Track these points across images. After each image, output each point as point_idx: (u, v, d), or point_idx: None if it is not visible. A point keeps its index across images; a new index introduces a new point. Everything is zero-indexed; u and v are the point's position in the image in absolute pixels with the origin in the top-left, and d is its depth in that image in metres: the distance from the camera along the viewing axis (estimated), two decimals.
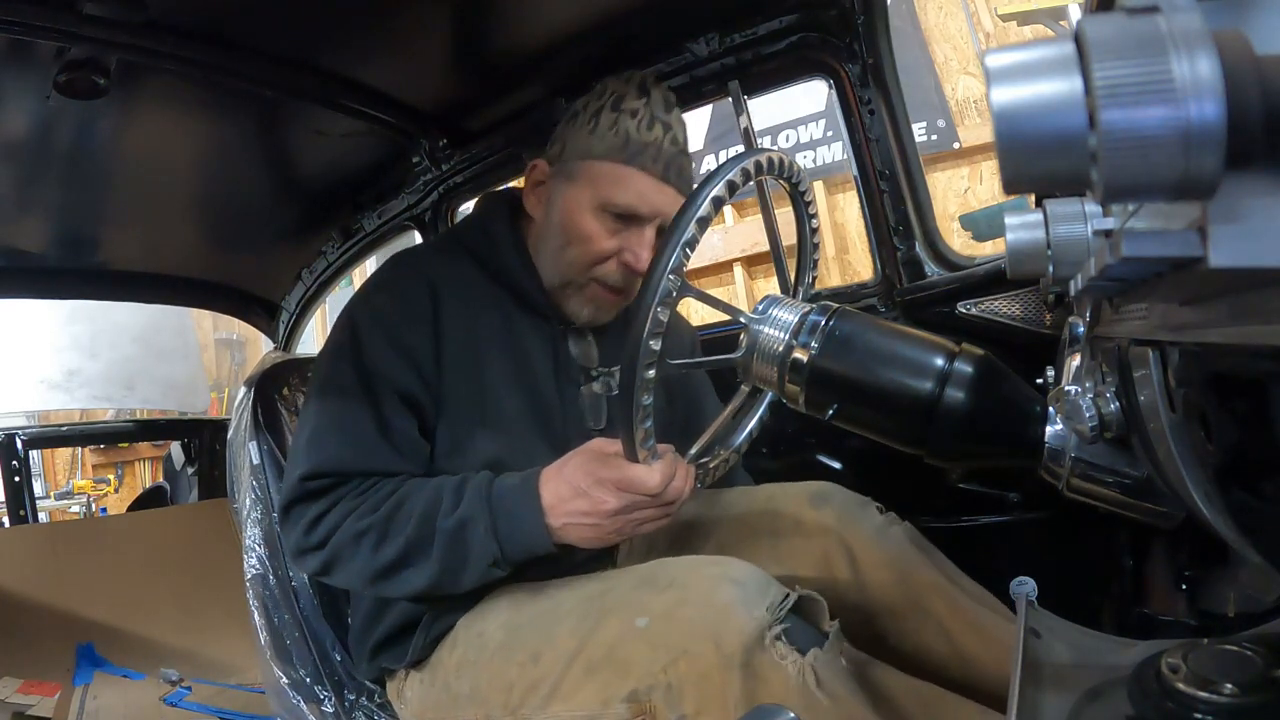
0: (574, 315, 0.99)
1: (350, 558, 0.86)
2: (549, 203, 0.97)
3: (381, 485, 0.88)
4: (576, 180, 0.94)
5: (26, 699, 1.66)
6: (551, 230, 0.96)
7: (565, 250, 0.95)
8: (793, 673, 0.70)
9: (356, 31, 1.12)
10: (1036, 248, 0.48)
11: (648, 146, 0.91)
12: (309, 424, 0.92)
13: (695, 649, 0.73)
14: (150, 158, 1.33)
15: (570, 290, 0.97)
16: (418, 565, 0.84)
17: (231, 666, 1.92)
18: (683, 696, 0.73)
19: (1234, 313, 0.29)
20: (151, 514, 2.42)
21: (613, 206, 0.92)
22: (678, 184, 0.94)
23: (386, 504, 0.86)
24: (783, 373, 0.73)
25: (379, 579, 0.86)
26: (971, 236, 1.84)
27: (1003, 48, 0.25)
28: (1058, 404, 0.58)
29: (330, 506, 0.87)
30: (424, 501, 0.85)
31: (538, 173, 0.99)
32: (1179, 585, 0.83)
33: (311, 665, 1.09)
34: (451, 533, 0.83)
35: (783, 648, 0.71)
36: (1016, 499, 1.15)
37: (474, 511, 0.83)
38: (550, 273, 0.97)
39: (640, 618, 0.77)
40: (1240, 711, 0.36)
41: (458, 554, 0.83)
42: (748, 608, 0.73)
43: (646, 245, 0.93)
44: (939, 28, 3.38)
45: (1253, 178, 0.22)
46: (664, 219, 0.93)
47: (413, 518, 0.84)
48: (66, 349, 3.96)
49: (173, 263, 1.79)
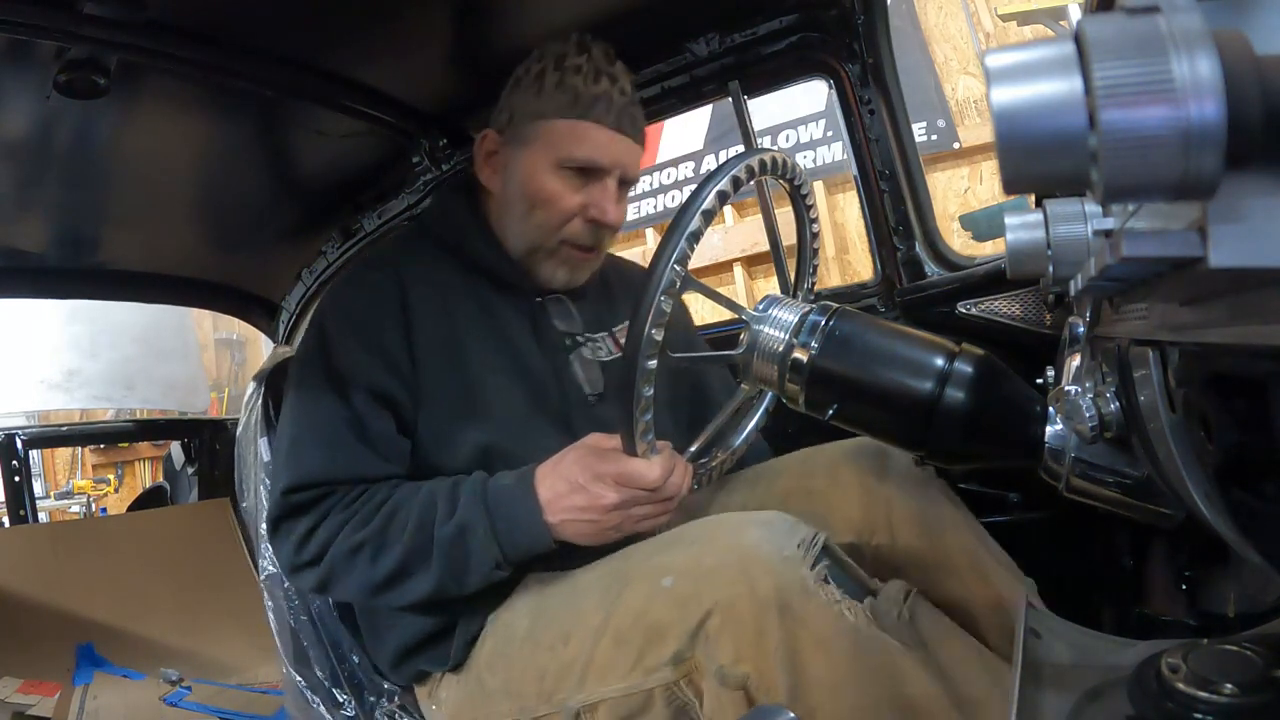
0: (548, 281, 0.97)
1: (347, 573, 0.84)
2: (505, 171, 0.96)
3: (371, 495, 0.86)
4: (531, 143, 0.93)
5: (26, 699, 1.66)
6: (513, 198, 0.95)
7: (530, 215, 0.94)
8: (850, 616, 0.67)
9: (356, 31, 1.12)
10: (1036, 248, 0.48)
11: (598, 99, 0.91)
12: (286, 435, 0.91)
13: (726, 596, 0.69)
14: (150, 158, 1.33)
15: (541, 255, 0.96)
16: (418, 574, 0.83)
17: (231, 666, 1.92)
18: (719, 646, 0.68)
19: (1234, 313, 0.29)
20: (151, 514, 2.42)
21: (572, 161, 0.91)
22: (632, 133, 0.95)
23: (379, 515, 0.84)
24: (783, 372, 0.73)
25: (380, 591, 0.84)
26: (971, 236, 1.84)
27: (1003, 48, 0.25)
28: (1058, 404, 0.58)
29: (319, 521, 0.86)
30: (419, 509, 0.84)
31: (489, 143, 0.98)
32: (1179, 585, 0.82)
33: (330, 667, 1.08)
34: (450, 539, 0.82)
35: (833, 591, 0.68)
36: (1016, 499, 1.15)
37: (471, 515, 0.82)
38: (518, 241, 0.96)
39: (665, 578, 0.74)
40: (1240, 711, 0.36)
41: (458, 560, 0.82)
42: (776, 546, 0.70)
43: (611, 198, 0.93)
44: (939, 28, 3.38)
45: (1253, 178, 0.22)
46: (623, 170, 0.94)
47: (408, 527, 0.83)
48: (66, 349, 3.96)
49: (173, 263, 1.78)
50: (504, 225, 0.98)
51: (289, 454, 0.89)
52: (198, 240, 1.74)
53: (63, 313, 3.97)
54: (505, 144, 0.96)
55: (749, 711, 0.58)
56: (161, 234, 1.66)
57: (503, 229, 0.98)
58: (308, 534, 0.86)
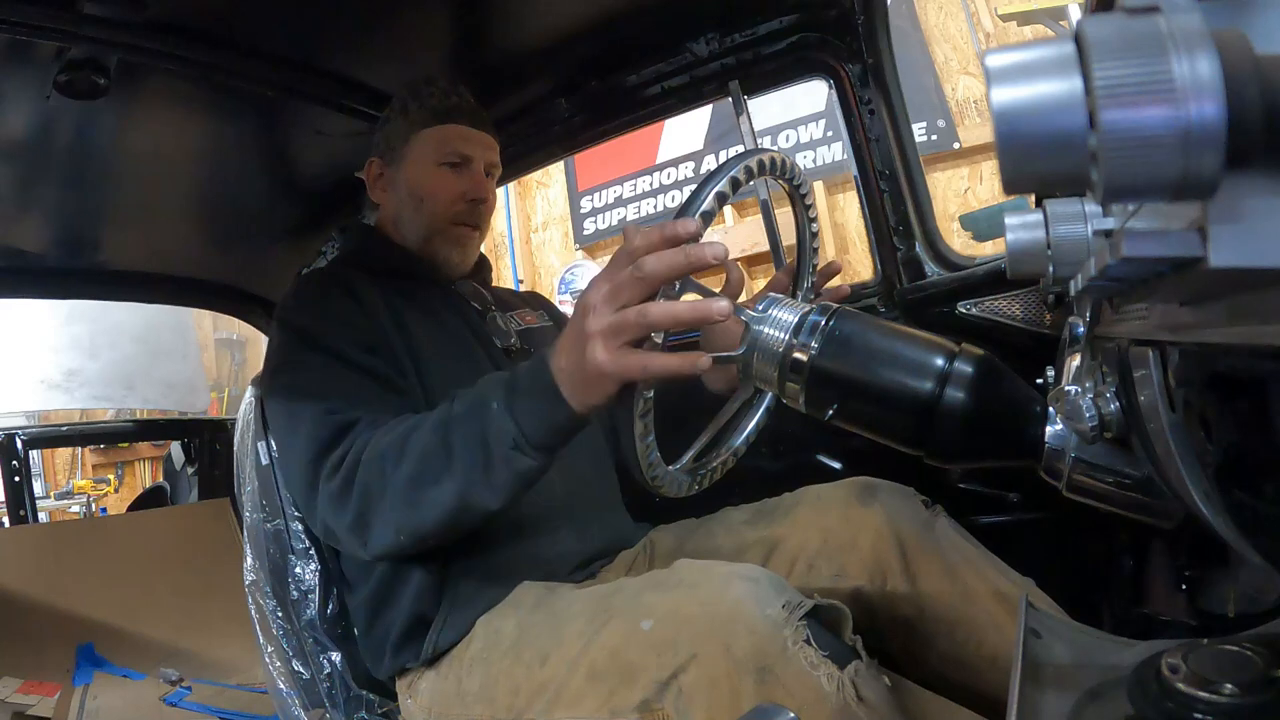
0: (445, 261, 1.12)
1: (379, 490, 0.81)
2: (392, 186, 1.13)
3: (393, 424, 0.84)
4: (409, 155, 1.10)
5: (26, 699, 1.66)
6: (404, 200, 1.11)
7: (422, 207, 1.10)
8: (827, 685, 0.63)
9: (356, 31, 1.12)
10: (1036, 248, 0.48)
11: (453, 107, 1.10)
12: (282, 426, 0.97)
13: (703, 651, 0.67)
14: (150, 158, 1.33)
15: (437, 240, 1.11)
16: (441, 478, 0.78)
17: (231, 666, 1.93)
18: (692, 705, 0.67)
19: (1234, 313, 0.29)
20: (151, 514, 2.42)
21: (447, 157, 1.09)
22: (487, 129, 1.13)
23: (402, 426, 0.82)
24: (783, 372, 0.73)
25: (409, 506, 0.79)
26: (971, 236, 1.84)
27: (1003, 48, 0.25)
28: (1058, 404, 0.58)
29: (346, 450, 0.85)
30: (439, 410, 0.81)
31: (375, 167, 1.15)
32: (1179, 585, 0.82)
33: (312, 669, 1.09)
34: (465, 419, 0.77)
35: (813, 654, 0.64)
36: (1016, 499, 1.15)
37: (487, 390, 0.77)
38: (416, 234, 1.11)
39: (645, 620, 0.72)
40: (1240, 711, 0.36)
41: (475, 444, 0.76)
42: (760, 604, 0.67)
43: (482, 180, 1.12)
44: (939, 28, 3.38)
45: (1253, 178, 0.22)
46: (487, 158, 1.13)
47: (426, 425, 0.80)
48: (66, 349, 3.96)
49: (173, 263, 1.78)
50: (400, 226, 1.13)
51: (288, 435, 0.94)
52: (198, 240, 1.75)
53: (63, 313, 3.97)
54: (387, 166, 1.13)
55: (748, 711, 0.58)
56: (161, 234, 1.66)
57: (401, 233, 1.13)
58: (338, 463, 0.85)
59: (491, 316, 1.14)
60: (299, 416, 0.91)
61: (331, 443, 0.87)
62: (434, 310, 1.07)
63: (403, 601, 0.94)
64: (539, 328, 1.19)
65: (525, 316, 1.20)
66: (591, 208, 4.12)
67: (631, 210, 3.97)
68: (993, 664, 0.82)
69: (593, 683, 0.74)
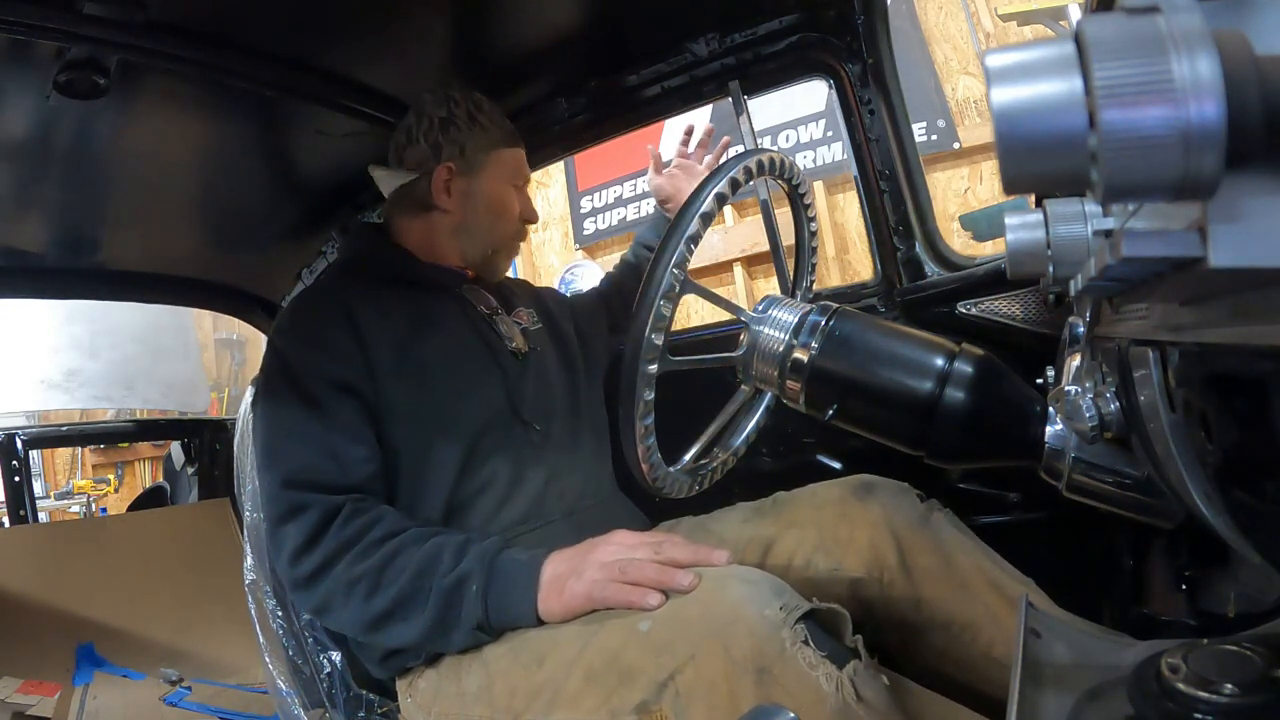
0: (497, 271, 1.20)
1: (343, 605, 0.87)
2: (466, 195, 1.13)
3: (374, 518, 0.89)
4: (488, 171, 1.13)
5: (26, 699, 1.66)
6: (479, 212, 1.13)
7: (496, 224, 1.14)
8: (826, 685, 0.63)
9: (356, 31, 1.12)
10: (1036, 248, 0.48)
11: (514, 132, 1.16)
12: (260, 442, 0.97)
13: (702, 652, 0.67)
14: (150, 158, 1.33)
15: (501, 253, 1.18)
16: (411, 618, 0.85)
17: (231, 666, 1.92)
18: (690, 706, 0.67)
19: (1234, 313, 0.29)
20: (151, 514, 2.42)
21: (516, 180, 1.15)
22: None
23: (381, 552, 0.86)
24: (783, 372, 0.73)
25: (371, 628, 0.87)
26: (971, 236, 1.84)
27: (1003, 48, 0.25)
28: (1058, 404, 0.58)
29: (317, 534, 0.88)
30: (421, 556, 0.86)
31: (447, 173, 1.13)
32: (1179, 585, 0.82)
33: (311, 668, 1.09)
34: (448, 590, 0.84)
35: (811, 655, 0.65)
36: (1016, 499, 1.15)
37: (472, 569, 0.84)
38: (482, 244, 1.14)
39: (643, 621, 0.73)
40: (1240, 711, 0.36)
41: (445, 611, 0.84)
42: (758, 605, 0.68)
43: (531, 204, 1.18)
44: (939, 28, 3.37)
45: (1253, 178, 0.22)
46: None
47: (407, 570, 0.85)
48: (66, 349, 3.96)
49: (173, 263, 1.78)
50: (462, 237, 1.14)
51: (266, 457, 0.95)
52: (198, 240, 1.74)
53: (63, 313, 3.97)
54: (461, 174, 1.12)
55: (749, 710, 0.58)
56: (161, 234, 1.66)
57: (458, 240, 1.14)
58: (307, 544, 0.88)
59: (498, 320, 1.16)
60: (275, 454, 0.94)
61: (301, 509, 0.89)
62: (442, 318, 1.08)
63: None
64: (538, 328, 1.21)
65: (524, 316, 1.22)
66: (591, 208, 4.11)
67: (631, 210, 3.97)
68: (991, 660, 0.82)
69: (590, 684, 0.74)
